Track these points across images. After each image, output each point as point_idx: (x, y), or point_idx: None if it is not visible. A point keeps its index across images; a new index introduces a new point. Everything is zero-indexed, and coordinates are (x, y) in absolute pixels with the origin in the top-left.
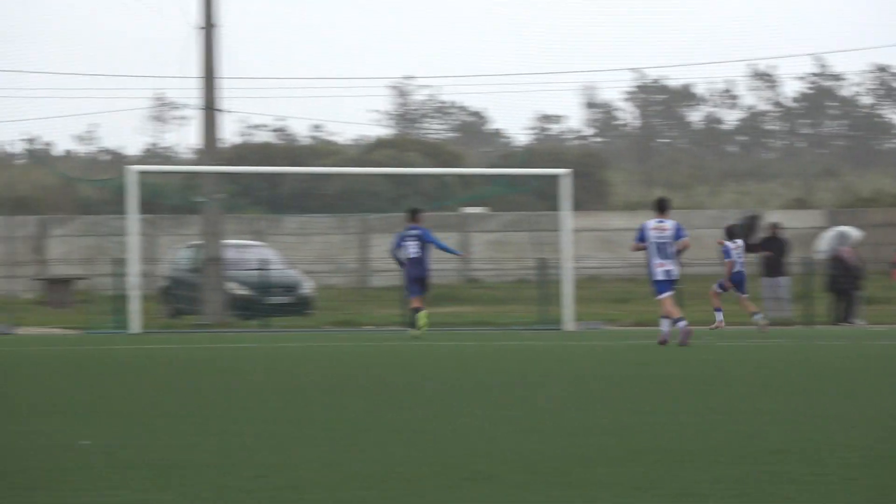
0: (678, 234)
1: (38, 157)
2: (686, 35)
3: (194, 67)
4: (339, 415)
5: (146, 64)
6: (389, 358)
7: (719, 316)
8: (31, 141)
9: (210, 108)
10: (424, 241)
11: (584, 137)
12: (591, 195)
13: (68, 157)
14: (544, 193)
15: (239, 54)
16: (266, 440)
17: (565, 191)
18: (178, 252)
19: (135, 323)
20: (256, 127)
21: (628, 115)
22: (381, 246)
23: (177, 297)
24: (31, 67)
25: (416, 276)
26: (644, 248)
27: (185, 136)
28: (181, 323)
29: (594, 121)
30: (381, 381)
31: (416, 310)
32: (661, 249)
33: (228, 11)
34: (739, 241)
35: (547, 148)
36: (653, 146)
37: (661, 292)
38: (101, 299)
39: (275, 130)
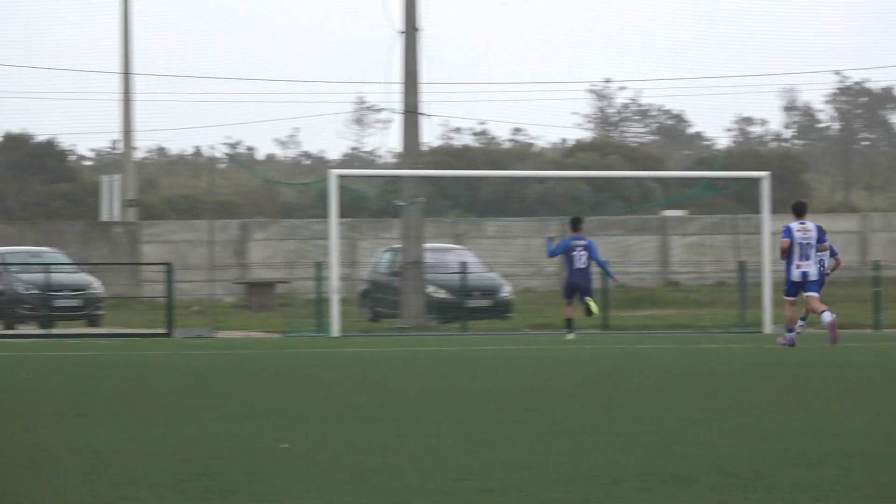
0: (820, 238)
1: (241, 161)
2: (888, 37)
3: (396, 71)
4: (537, 417)
5: (348, 68)
6: (588, 361)
7: None
8: (233, 145)
9: (411, 112)
10: (591, 252)
11: (784, 140)
12: (790, 198)
13: (270, 161)
14: (744, 196)
15: (440, 58)
16: (464, 443)
17: (765, 193)
18: (379, 255)
19: (334, 326)
20: (457, 130)
21: (828, 117)
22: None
23: (376, 301)
24: (231, 73)
25: (579, 285)
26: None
27: (386, 140)
28: (380, 326)
29: (794, 123)
30: (579, 383)
31: (569, 320)
32: (803, 251)
33: (430, 15)
34: None
35: (746, 151)
36: (853, 148)
37: (789, 294)
38: (301, 303)
39: (475, 134)
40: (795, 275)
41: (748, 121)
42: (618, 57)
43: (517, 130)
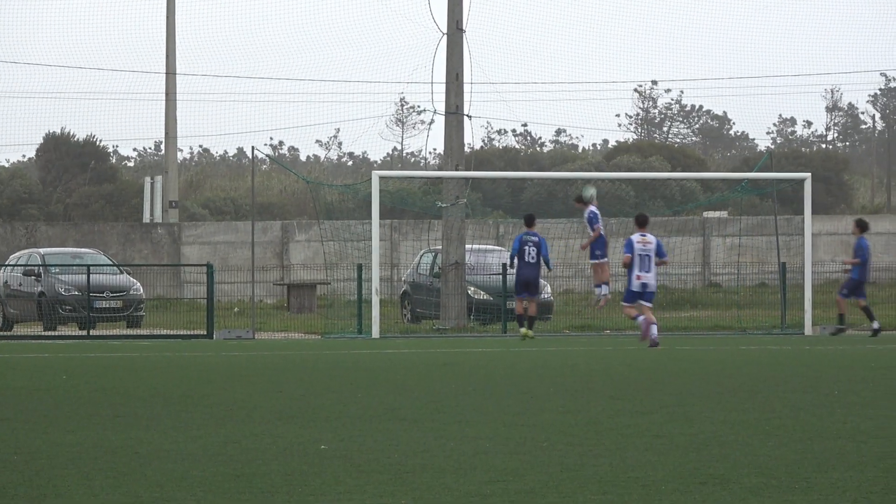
0: (660, 252)
1: (283, 162)
2: None
3: (440, 72)
4: (576, 419)
5: (392, 69)
6: (628, 362)
7: None
8: (275, 147)
9: (454, 113)
10: (541, 248)
11: (827, 141)
12: (833, 199)
13: (313, 162)
14: (786, 197)
15: (484, 59)
16: (503, 444)
17: (807, 195)
18: (420, 257)
19: (374, 328)
20: (499, 132)
21: (871, 118)
22: (620, 251)
23: (417, 302)
24: (274, 75)
25: (527, 279)
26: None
27: (429, 142)
28: (421, 327)
29: (837, 124)
30: (619, 385)
31: (521, 317)
32: (644, 262)
33: (475, 15)
34: None
35: (789, 151)
36: None
37: (627, 300)
38: (341, 304)
39: (517, 135)
40: (636, 285)
41: (791, 121)
42: (661, 58)
43: (559, 132)
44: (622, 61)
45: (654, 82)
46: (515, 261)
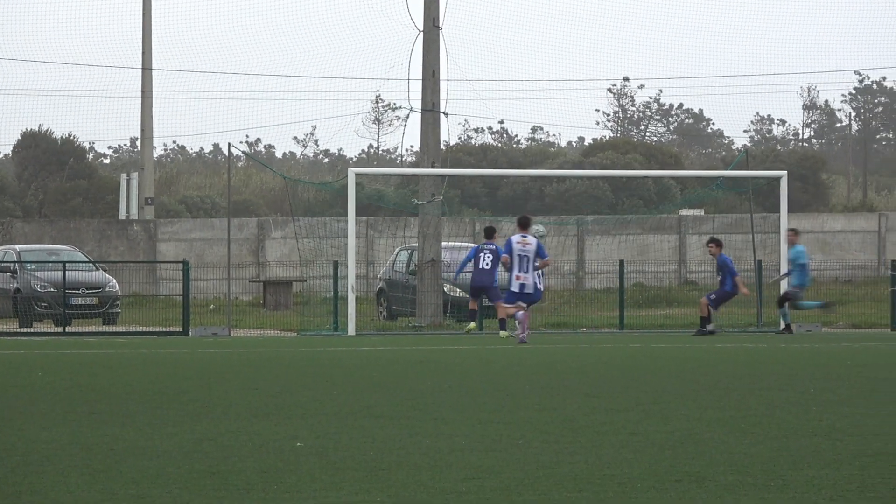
0: (541, 252)
1: (259, 159)
2: None
3: (416, 69)
4: (552, 416)
5: (368, 66)
6: (604, 360)
7: None
8: (252, 144)
9: (431, 111)
10: (496, 255)
11: (803, 139)
12: (809, 197)
13: (289, 159)
14: (762, 195)
15: (461, 56)
16: (478, 441)
17: (783, 193)
18: (396, 254)
19: (350, 325)
20: (476, 129)
21: (847, 117)
22: (597, 249)
23: (393, 299)
24: (251, 71)
25: (483, 284)
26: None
27: (405, 139)
28: (396, 325)
29: (813, 123)
30: (595, 382)
31: (473, 312)
32: (523, 263)
33: (451, 13)
34: None
35: (766, 150)
36: (871, 148)
37: (508, 301)
38: (317, 301)
39: (494, 132)
40: (515, 286)
41: (767, 120)
42: (638, 56)
43: (536, 129)
44: (600, 59)
45: (626, 79)
46: (469, 266)
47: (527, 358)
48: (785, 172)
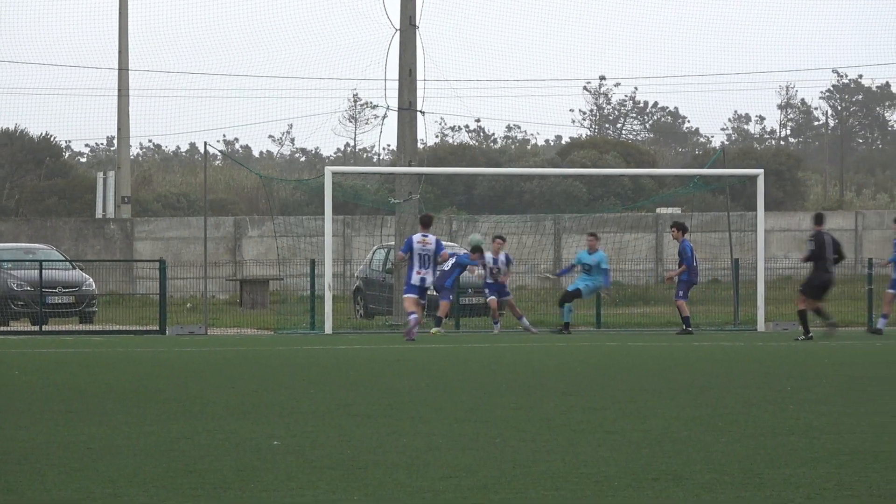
0: (440, 248)
1: (236, 157)
2: (884, 34)
3: (393, 68)
4: (529, 415)
5: (345, 65)
6: (581, 358)
7: None
8: (228, 142)
9: (407, 109)
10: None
11: (781, 137)
12: (785, 195)
13: (265, 158)
14: (739, 193)
15: (437, 54)
16: (456, 440)
17: (760, 191)
18: (372, 253)
19: (327, 324)
20: (453, 128)
21: (824, 115)
22: (574, 247)
23: (370, 298)
24: (227, 70)
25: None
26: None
27: (382, 137)
28: (373, 323)
29: (791, 121)
30: (572, 381)
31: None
32: (424, 260)
33: (428, 11)
34: None
35: (743, 148)
36: (848, 146)
37: (408, 292)
38: (294, 300)
39: (471, 131)
40: (415, 279)
41: (745, 118)
42: (615, 54)
43: (513, 128)
44: (577, 57)
45: (603, 78)
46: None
47: (504, 356)
48: (762, 171)
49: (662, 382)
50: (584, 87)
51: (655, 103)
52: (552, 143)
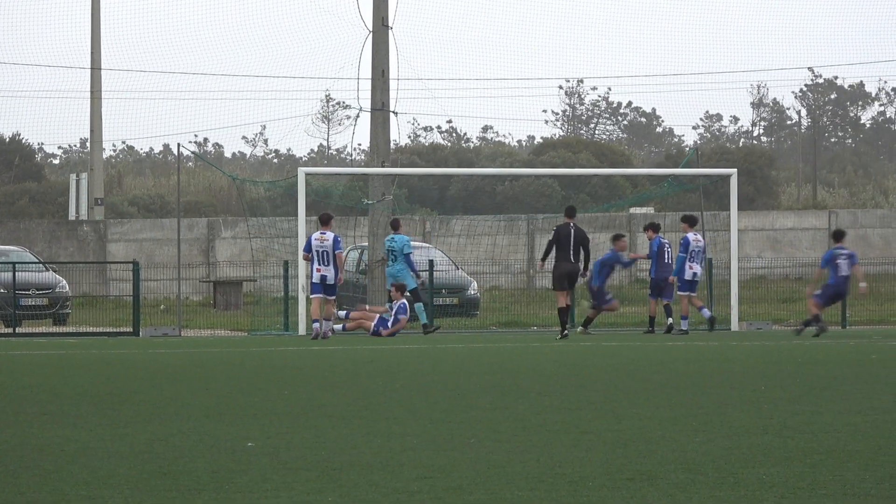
0: (337, 245)
1: (209, 159)
2: (861, 32)
3: (366, 69)
4: (503, 416)
5: (318, 66)
6: (555, 359)
7: None
8: (201, 144)
9: (380, 110)
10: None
11: (754, 137)
12: (758, 194)
13: (239, 159)
14: (712, 193)
15: (410, 55)
16: (430, 441)
17: (733, 190)
18: (346, 254)
19: (301, 325)
20: (426, 128)
21: (798, 114)
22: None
23: (343, 299)
24: (200, 71)
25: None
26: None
27: (355, 138)
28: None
29: (763, 120)
30: (546, 381)
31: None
32: (322, 257)
33: (401, 12)
34: None
35: (716, 147)
36: (821, 145)
37: (314, 293)
38: (267, 301)
39: (444, 132)
40: (316, 277)
41: (717, 117)
42: (589, 54)
43: (486, 128)
44: (550, 57)
45: (580, 81)
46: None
47: (478, 357)
48: (735, 171)
49: (637, 382)
50: (560, 87)
51: (629, 103)
52: (525, 144)
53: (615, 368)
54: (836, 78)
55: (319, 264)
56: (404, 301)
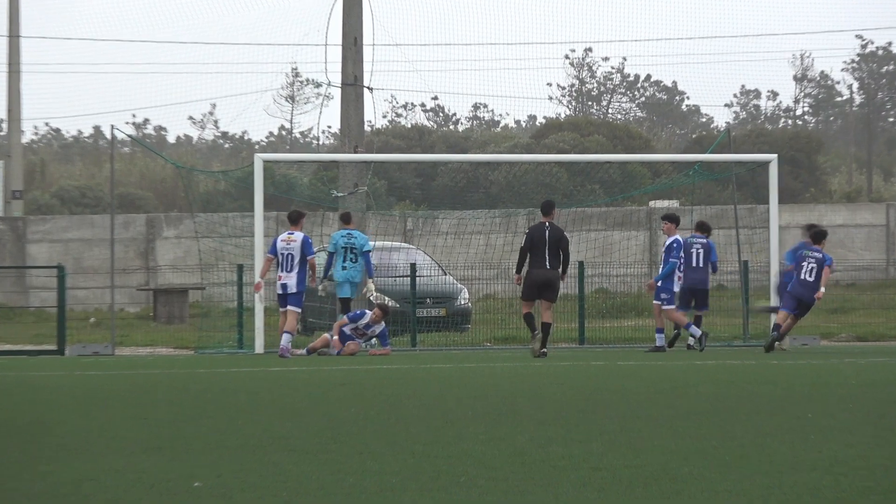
0: (308, 249)
1: (149, 144)
2: None
3: (335, 36)
4: (499, 449)
5: (279, 35)
6: (561, 381)
7: None
8: (139, 125)
9: (352, 85)
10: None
11: (797, 116)
12: (802, 184)
13: (184, 143)
14: (747, 183)
15: (388, 20)
16: (412, 479)
17: (773, 180)
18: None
19: (258, 341)
20: (407, 107)
21: (848, 89)
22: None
23: (309, 310)
24: (138, 39)
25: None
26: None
27: (322, 119)
28: (313, 340)
29: (808, 96)
30: (550, 408)
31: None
32: (286, 261)
33: None
34: None
35: (752, 129)
36: (878, 126)
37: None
38: (218, 313)
39: (428, 111)
40: (278, 286)
41: (754, 93)
42: (599, 17)
43: (479, 107)
44: (554, 22)
45: (590, 49)
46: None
47: (469, 379)
48: (775, 157)
49: (659, 409)
50: (566, 57)
51: (648, 76)
52: (525, 125)
53: (632, 392)
54: (889, 44)
55: (282, 271)
56: (385, 327)
